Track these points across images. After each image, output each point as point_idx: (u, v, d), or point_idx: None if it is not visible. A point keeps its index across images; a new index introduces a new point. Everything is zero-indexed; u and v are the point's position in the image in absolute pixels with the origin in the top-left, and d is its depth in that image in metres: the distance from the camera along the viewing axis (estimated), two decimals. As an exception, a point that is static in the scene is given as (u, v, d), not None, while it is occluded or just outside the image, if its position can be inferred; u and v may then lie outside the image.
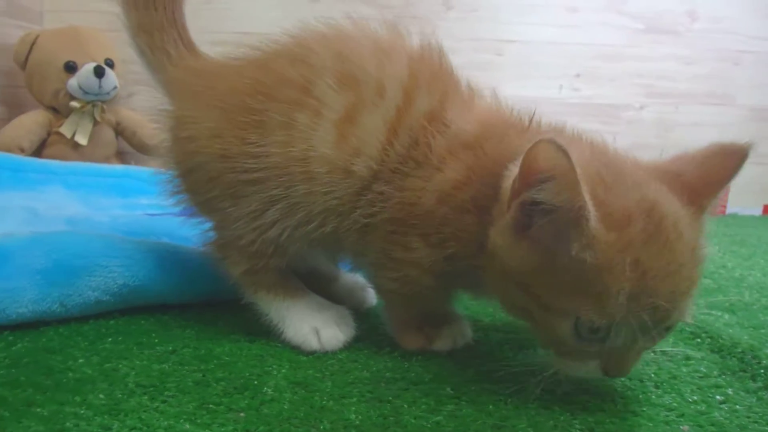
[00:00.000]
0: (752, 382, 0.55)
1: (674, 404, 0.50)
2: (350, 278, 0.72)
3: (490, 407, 0.49)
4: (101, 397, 0.47)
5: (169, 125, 0.62)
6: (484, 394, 0.51)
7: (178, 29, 0.68)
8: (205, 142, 0.56)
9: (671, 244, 0.43)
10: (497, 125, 0.54)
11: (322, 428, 0.44)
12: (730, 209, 1.69)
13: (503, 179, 0.48)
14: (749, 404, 0.51)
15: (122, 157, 1.47)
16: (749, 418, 0.49)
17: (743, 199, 1.68)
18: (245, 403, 0.48)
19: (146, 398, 0.48)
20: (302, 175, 0.53)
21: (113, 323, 0.63)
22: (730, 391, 0.53)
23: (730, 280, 0.94)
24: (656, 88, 1.69)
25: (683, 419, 0.48)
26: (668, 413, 0.49)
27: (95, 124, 1.37)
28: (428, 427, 0.45)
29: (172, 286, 0.66)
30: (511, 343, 0.63)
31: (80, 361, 0.54)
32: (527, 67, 1.62)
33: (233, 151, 0.55)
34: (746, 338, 0.64)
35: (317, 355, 0.57)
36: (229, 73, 0.59)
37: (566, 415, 0.48)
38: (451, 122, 0.53)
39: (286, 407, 0.47)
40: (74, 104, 1.35)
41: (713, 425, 0.47)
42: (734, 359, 0.60)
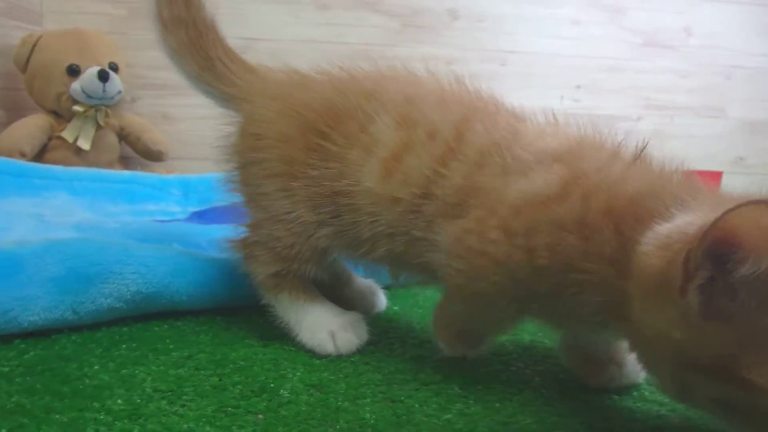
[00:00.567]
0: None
1: (665, 400, 0.53)
2: (363, 282, 0.74)
3: (496, 405, 0.51)
4: (120, 402, 0.48)
5: (238, 121, 0.65)
6: (490, 393, 0.53)
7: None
8: (272, 142, 0.60)
9: None
10: (586, 146, 0.51)
11: (338, 428, 0.46)
12: None
13: (643, 253, 0.41)
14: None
15: (125, 162, 1.46)
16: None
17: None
18: (263, 405, 0.49)
19: (165, 402, 0.48)
20: (348, 207, 0.57)
21: (127, 330, 0.64)
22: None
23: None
24: (653, 100, 1.73)
25: (674, 413, 0.51)
26: (660, 408, 0.52)
27: (98, 128, 1.36)
28: (439, 424, 0.47)
29: (185, 292, 0.67)
30: (515, 343, 0.64)
31: (96, 367, 0.54)
32: (530, 77, 1.65)
33: (297, 158, 0.59)
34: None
35: (330, 358, 0.59)
36: (309, 85, 0.62)
37: (568, 410, 0.50)
38: (536, 141, 0.52)
39: (303, 408, 0.48)
40: (77, 108, 1.33)
41: (701, 417, 0.50)
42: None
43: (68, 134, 1.31)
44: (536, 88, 1.64)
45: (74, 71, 1.33)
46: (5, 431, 0.43)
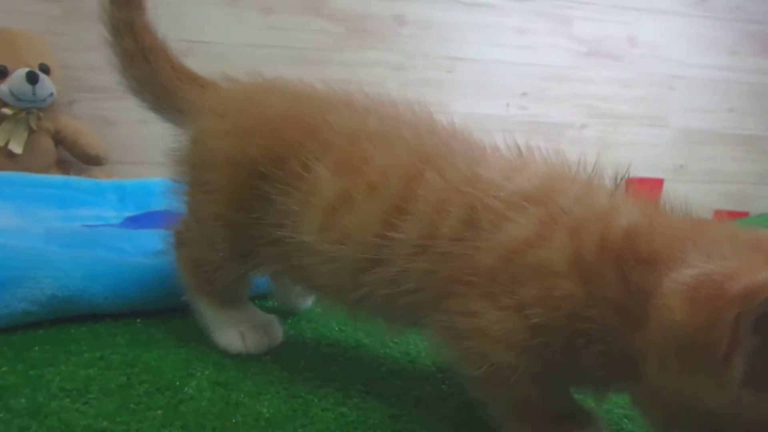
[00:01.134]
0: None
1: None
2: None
3: (392, 399, 0.52)
4: (23, 401, 0.48)
5: (187, 136, 0.61)
6: (390, 388, 0.55)
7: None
8: (217, 164, 0.56)
9: None
10: (557, 179, 0.46)
11: (234, 421, 0.47)
12: None
13: (665, 306, 0.36)
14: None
15: (65, 166, 1.42)
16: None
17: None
18: (165, 402, 0.50)
19: (68, 401, 0.49)
20: (288, 255, 0.53)
21: (42, 332, 0.64)
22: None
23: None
24: (597, 108, 1.78)
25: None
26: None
27: (31, 132, 1.32)
28: (332, 417, 0.49)
29: (102, 296, 0.67)
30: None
31: (4, 369, 0.54)
32: (477, 85, 1.68)
33: (237, 189, 0.55)
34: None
35: (242, 357, 0.60)
36: (254, 108, 0.58)
37: (463, 405, 0.52)
38: (502, 183, 0.46)
39: (203, 404, 0.49)
40: (6, 111, 1.29)
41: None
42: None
43: None
44: (483, 95, 1.67)
45: (1, 73, 1.29)
46: None
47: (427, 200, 0.47)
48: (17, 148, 1.29)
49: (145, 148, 1.37)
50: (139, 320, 0.69)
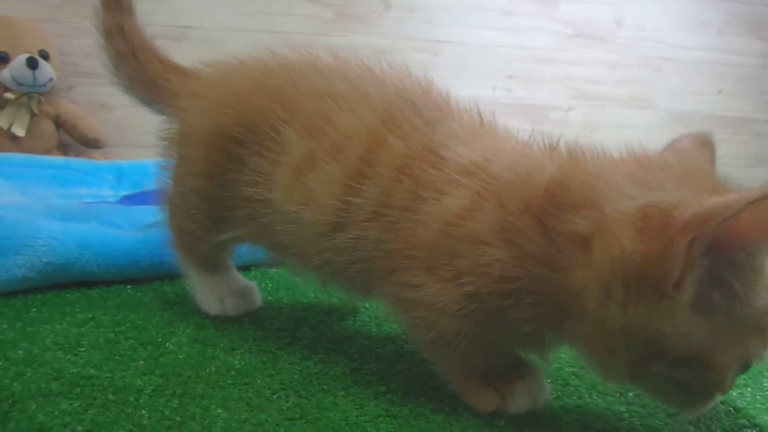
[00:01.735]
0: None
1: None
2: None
3: (355, 355, 0.57)
4: (20, 353, 0.54)
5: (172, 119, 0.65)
6: (354, 346, 0.59)
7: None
8: (194, 140, 0.60)
9: None
10: (501, 150, 0.48)
11: (207, 371, 0.52)
12: None
13: (604, 242, 0.38)
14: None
15: (66, 149, 1.48)
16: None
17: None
18: (146, 354, 0.55)
19: (60, 353, 0.54)
20: (260, 214, 0.55)
21: (40, 296, 0.69)
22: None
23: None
24: (583, 90, 1.80)
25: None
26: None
27: (33, 116, 1.38)
28: (297, 369, 0.53)
29: (94, 263, 0.72)
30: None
31: (4, 326, 0.60)
32: (462, 67, 1.70)
33: (214, 159, 0.57)
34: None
35: (221, 319, 0.65)
36: (228, 83, 0.60)
37: (417, 361, 0.56)
38: (449, 155, 0.47)
39: (181, 357, 0.55)
40: (9, 96, 1.35)
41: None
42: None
43: (2, 121, 1.34)
44: (469, 78, 1.69)
45: (3, 59, 1.34)
46: None
47: (387, 166, 0.48)
48: (20, 131, 1.35)
49: (140, 131, 1.41)
50: (129, 287, 0.74)
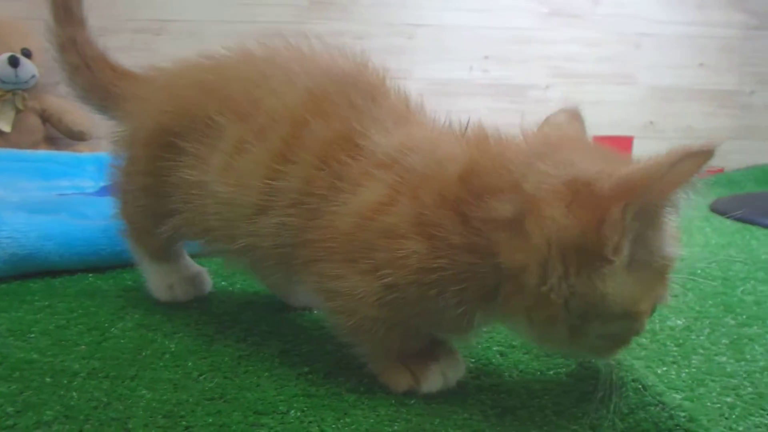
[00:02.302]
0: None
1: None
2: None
3: (290, 338, 0.60)
4: (-28, 340, 0.58)
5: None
6: (292, 330, 0.63)
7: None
8: (138, 140, 0.62)
9: None
10: (418, 138, 0.49)
11: (143, 354, 0.56)
12: None
13: (539, 221, 0.40)
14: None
15: (54, 142, 1.53)
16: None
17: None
18: (90, 339, 0.59)
19: (12, 339, 0.58)
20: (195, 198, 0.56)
21: (5, 286, 0.73)
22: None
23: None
24: (562, 69, 1.79)
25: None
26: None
27: (19, 111, 1.43)
28: (229, 352, 0.57)
29: (57, 254, 0.76)
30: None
31: (-39, 314, 0.64)
32: (438, 50, 1.71)
33: (157, 155, 0.59)
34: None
35: (171, 304, 0.68)
36: (169, 85, 0.63)
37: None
38: (369, 143, 0.48)
39: (122, 341, 0.58)
40: None
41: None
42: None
43: None
44: (445, 60, 1.70)
45: None
46: None
47: (309, 151, 0.49)
48: (6, 126, 1.41)
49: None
50: (90, 275, 0.78)
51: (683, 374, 0.57)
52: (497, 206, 0.42)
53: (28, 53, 1.44)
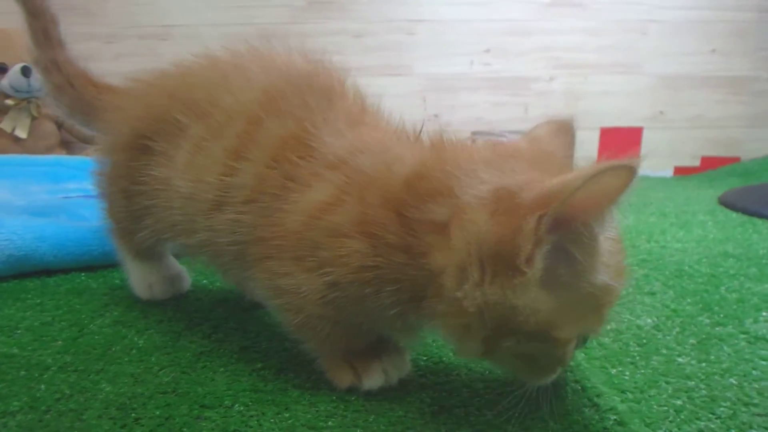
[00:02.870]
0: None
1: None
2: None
3: (253, 335, 0.63)
4: (-38, 335, 0.63)
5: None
6: (259, 326, 0.66)
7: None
8: (115, 147, 0.66)
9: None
10: (369, 140, 0.50)
11: (113, 349, 0.60)
12: (641, 172, 1.72)
13: (461, 225, 0.41)
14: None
15: (68, 146, 1.60)
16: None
17: (654, 162, 1.76)
18: (67, 335, 0.63)
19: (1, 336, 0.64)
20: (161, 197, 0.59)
21: (4, 285, 0.79)
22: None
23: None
24: (564, 60, 1.76)
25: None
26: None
27: (34, 118, 1.52)
28: (192, 348, 0.60)
29: (51, 254, 0.82)
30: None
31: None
32: (438, 45, 1.70)
33: (131, 162, 0.62)
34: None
35: (151, 303, 0.72)
36: (142, 94, 0.65)
37: None
38: (320, 144, 0.49)
39: (96, 338, 0.63)
40: (9, 102, 1.51)
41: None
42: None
43: (6, 125, 1.49)
44: (445, 55, 1.69)
45: (2, 69, 1.49)
46: None
47: (262, 148, 0.50)
48: (22, 133, 1.50)
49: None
50: (83, 274, 0.84)
51: (638, 375, 0.56)
52: (434, 209, 0.43)
53: (40, 63, 1.53)
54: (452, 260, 0.41)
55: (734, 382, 0.55)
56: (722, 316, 0.70)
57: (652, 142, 1.66)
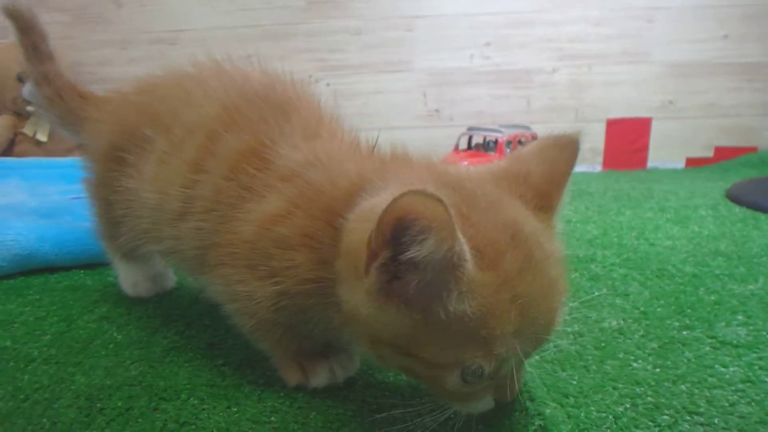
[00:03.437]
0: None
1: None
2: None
3: (222, 333, 0.68)
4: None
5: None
6: (228, 324, 0.68)
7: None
8: (94, 157, 0.70)
9: (541, 265, 0.41)
10: (326, 153, 0.51)
11: (93, 344, 0.65)
12: (651, 163, 1.71)
13: (346, 231, 0.43)
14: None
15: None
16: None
17: (664, 153, 1.72)
18: (56, 330, 0.69)
19: (-1, 329, 0.70)
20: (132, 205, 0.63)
21: (12, 282, 0.86)
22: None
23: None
24: (567, 50, 1.73)
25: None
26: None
27: None
28: (165, 343, 0.65)
29: (53, 253, 0.89)
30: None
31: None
32: (438, 40, 1.70)
33: (109, 172, 0.66)
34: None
35: (135, 300, 0.78)
36: (116, 108, 0.69)
37: None
38: (275, 157, 0.51)
39: (80, 333, 0.68)
40: (30, 108, 1.61)
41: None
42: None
43: (28, 130, 1.60)
44: (445, 49, 1.69)
45: (22, 78, 1.59)
46: None
47: (220, 160, 0.52)
48: (43, 137, 1.60)
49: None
50: (82, 271, 0.90)
51: (587, 379, 0.55)
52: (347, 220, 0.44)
53: (58, 72, 1.63)
54: (339, 264, 0.44)
55: (684, 389, 0.53)
56: (693, 319, 0.68)
57: (661, 132, 1.62)
